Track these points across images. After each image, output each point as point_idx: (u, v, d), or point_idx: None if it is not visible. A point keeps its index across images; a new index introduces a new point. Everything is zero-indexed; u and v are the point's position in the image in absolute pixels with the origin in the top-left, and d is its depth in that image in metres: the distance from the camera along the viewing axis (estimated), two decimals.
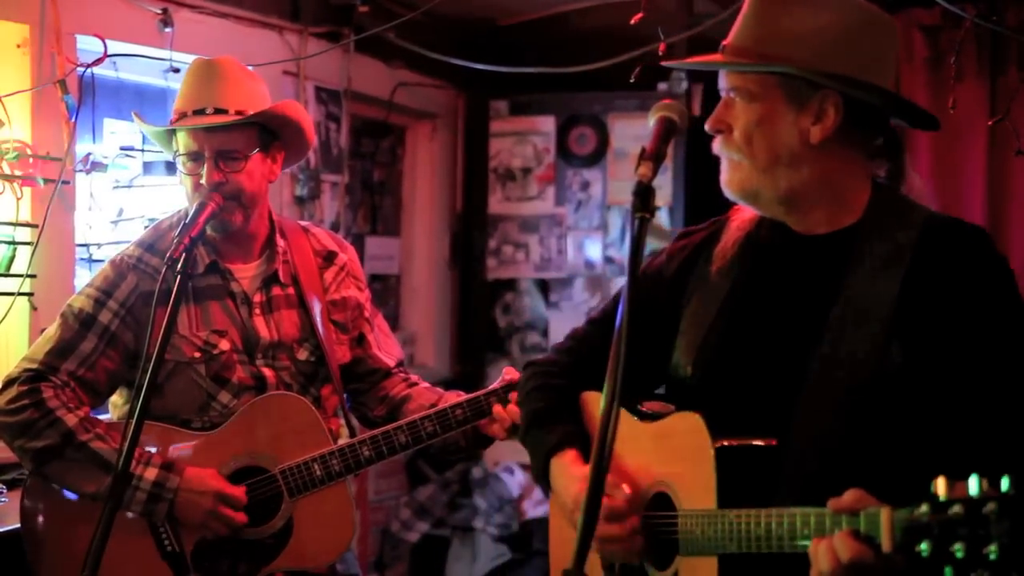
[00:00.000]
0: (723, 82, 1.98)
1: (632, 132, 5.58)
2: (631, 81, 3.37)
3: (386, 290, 5.75)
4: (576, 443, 2.15)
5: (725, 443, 1.89)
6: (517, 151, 5.82)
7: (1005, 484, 1.51)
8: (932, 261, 1.90)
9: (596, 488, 1.58)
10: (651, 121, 1.85)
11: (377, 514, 5.44)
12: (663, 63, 2.12)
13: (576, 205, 5.73)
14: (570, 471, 2.10)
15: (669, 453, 2.00)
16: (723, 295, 2.06)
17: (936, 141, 4.72)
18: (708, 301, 2.07)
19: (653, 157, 1.75)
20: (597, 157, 5.69)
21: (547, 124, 5.77)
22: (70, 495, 2.75)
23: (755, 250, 2.06)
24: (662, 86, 5.22)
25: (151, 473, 2.67)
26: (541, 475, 2.18)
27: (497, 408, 2.78)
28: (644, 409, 2.13)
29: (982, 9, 4.28)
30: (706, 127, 1.99)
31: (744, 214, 2.11)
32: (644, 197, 1.70)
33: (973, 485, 1.52)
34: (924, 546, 1.54)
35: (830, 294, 1.93)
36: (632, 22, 3.22)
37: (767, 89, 1.93)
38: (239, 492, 2.72)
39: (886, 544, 1.60)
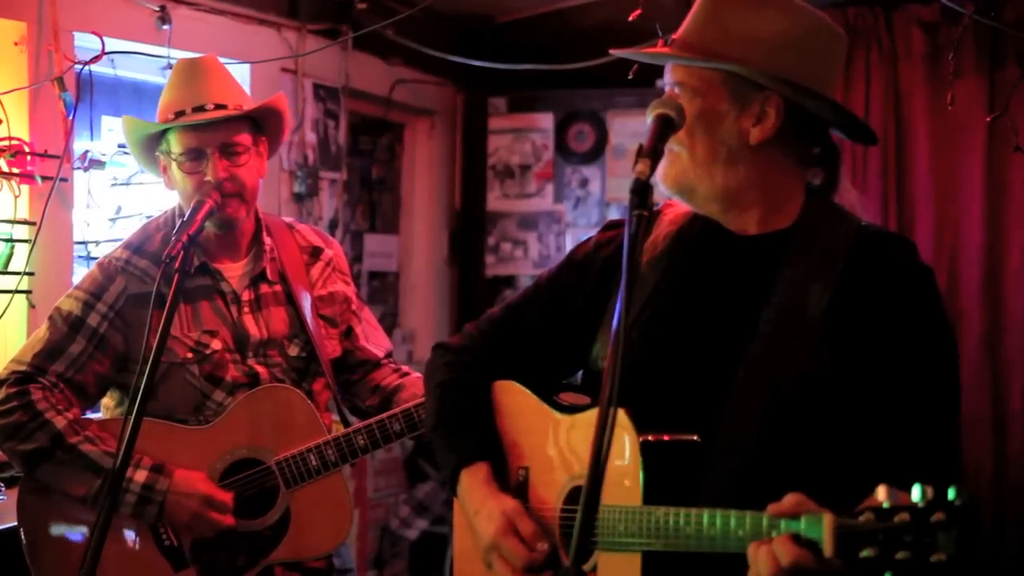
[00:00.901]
0: (668, 76, 1.99)
1: (631, 129, 5.58)
2: (629, 78, 3.36)
3: (385, 287, 5.75)
4: (487, 454, 2.12)
5: (650, 438, 1.87)
6: (516, 148, 5.82)
7: (952, 494, 1.52)
8: (864, 269, 1.91)
9: (595, 488, 1.57)
10: (649, 118, 1.84)
11: (376, 511, 5.44)
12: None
13: (575, 202, 5.73)
14: (483, 498, 2.06)
15: (588, 446, 1.97)
16: (650, 289, 2.04)
17: (934, 137, 4.72)
18: (637, 291, 2.04)
19: (650, 154, 1.74)
20: (596, 154, 5.68)
21: (546, 121, 5.77)
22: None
23: (686, 245, 2.05)
24: (660, 83, 5.20)
25: (140, 475, 2.67)
26: (450, 484, 2.14)
27: None
28: (561, 401, 2.11)
29: (981, 5, 4.27)
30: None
31: (677, 209, 2.10)
32: (642, 194, 1.69)
33: (916, 494, 1.53)
34: (867, 552, 1.55)
35: (760, 295, 1.94)
36: (630, 19, 3.22)
37: (711, 86, 1.93)
38: (227, 497, 2.73)
39: (828, 549, 1.59)
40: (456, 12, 5.40)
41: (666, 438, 1.89)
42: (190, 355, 2.76)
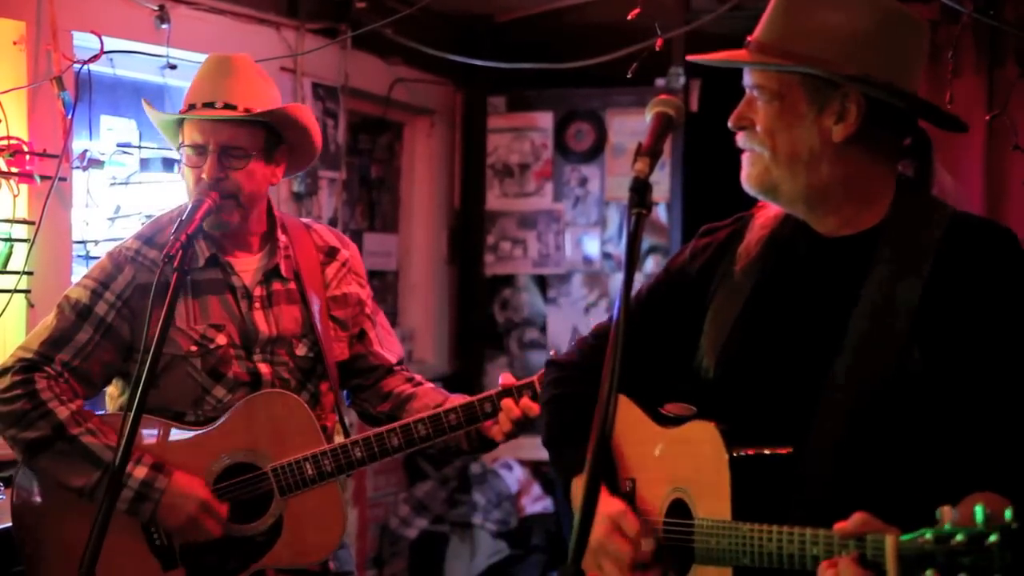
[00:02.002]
0: (747, 79, 1.98)
1: (630, 128, 5.58)
2: (628, 77, 3.37)
3: (384, 286, 5.75)
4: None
5: (740, 452, 1.88)
6: (515, 147, 5.82)
7: (1008, 515, 1.51)
8: (955, 263, 1.87)
9: (593, 488, 1.57)
10: (648, 117, 1.83)
11: (376, 510, 5.44)
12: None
13: (574, 201, 5.73)
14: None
15: (686, 460, 2.00)
16: (746, 295, 2.05)
17: (934, 136, 4.70)
18: (731, 300, 2.06)
19: (650, 153, 1.74)
20: (595, 153, 5.68)
21: (545, 120, 5.77)
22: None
23: (778, 250, 2.05)
24: (660, 82, 5.21)
25: (140, 472, 2.67)
26: (565, 494, 2.18)
27: (508, 402, 2.76)
28: (665, 412, 2.12)
29: (980, 4, 4.27)
30: (729, 124, 1.98)
31: (768, 212, 2.09)
32: (641, 193, 1.69)
33: (979, 513, 1.52)
34: (929, 574, 1.54)
35: (851, 298, 1.91)
36: (629, 17, 3.22)
37: (788, 88, 1.92)
38: (222, 508, 2.73)
39: (892, 571, 1.59)
40: (455, 11, 5.40)
41: (756, 451, 1.89)
42: (194, 348, 2.75)
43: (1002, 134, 4.30)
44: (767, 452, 1.89)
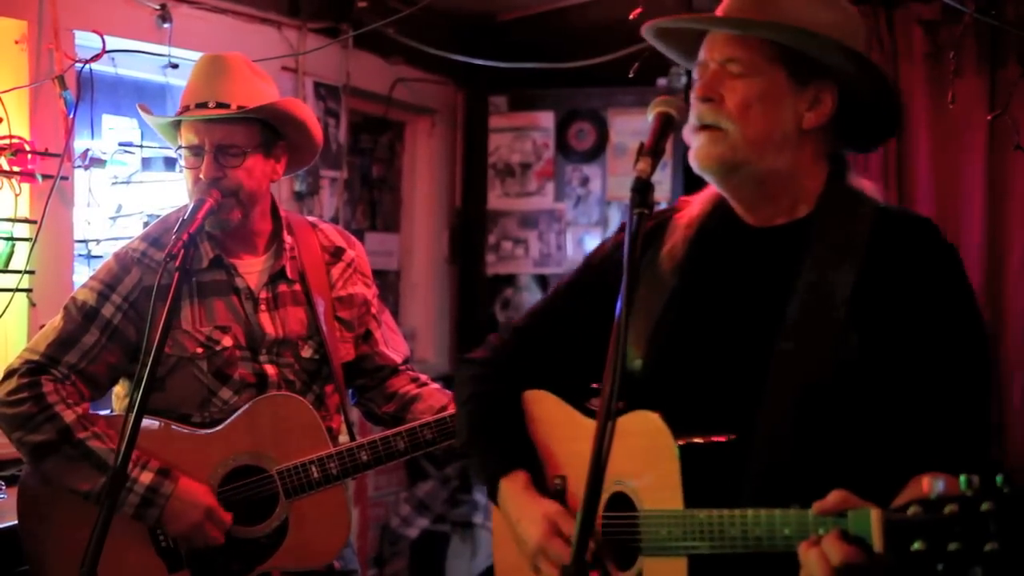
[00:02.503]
0: (717, 52, 1.93)
1: (631, 127, 5.57)
2: (630, 76, 3.37)
3: (385, 286, 5.75)
4: (524, 462, 2.12)
5: (687, 441, 1.86)
6: (516, 147, 5.81)
7: (999, 481, 1.50)
8: (886, 252, 1.90)
9: (594, 488, 1.57)
10: (650, 117, 1.84)
11: (377, 510, 5.44)
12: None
13: (575, 201, 5.72)
14: (524, 504, 2.07)
15: (626, 453, 1.92)
16: (672, 286, 2.03)
17: (935, 136, 4.71)
18: (657, 292, 2.04)
19: (652, 153, 1.74)
20: (596, 153, 5.68)
21: (546, 120, 5.76)
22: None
23: (706, 242, 2.04)
24: (661, 81, 5.21)
25: (146, 477, 2.67)
26: (490, 494, 2.15)
27: None
28: (594, 407, 2.10)
29: (981, 4, 4.27)
30: (698, 93, 1.93)
31: (693, 207, 2.08)
32: (643, 193, 1.69)
33: (963, 483, 1.52)
34: (918, 545, 1.53)
35: (785, 287, 1.92)
36: (631, 17, 3.22)
37: (770, 63, 1.91)
38: (227, 516, 2.73)
39: (878, 545, 1.59)
40: (457, 10, 5.40)
41: (703, 440, 1.88)
42: (200, 350, 2.75)
43: (1004, 134, 4.31)
44: (715, 441, 1.88)
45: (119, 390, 2.89)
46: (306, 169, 4.69)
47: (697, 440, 1.87)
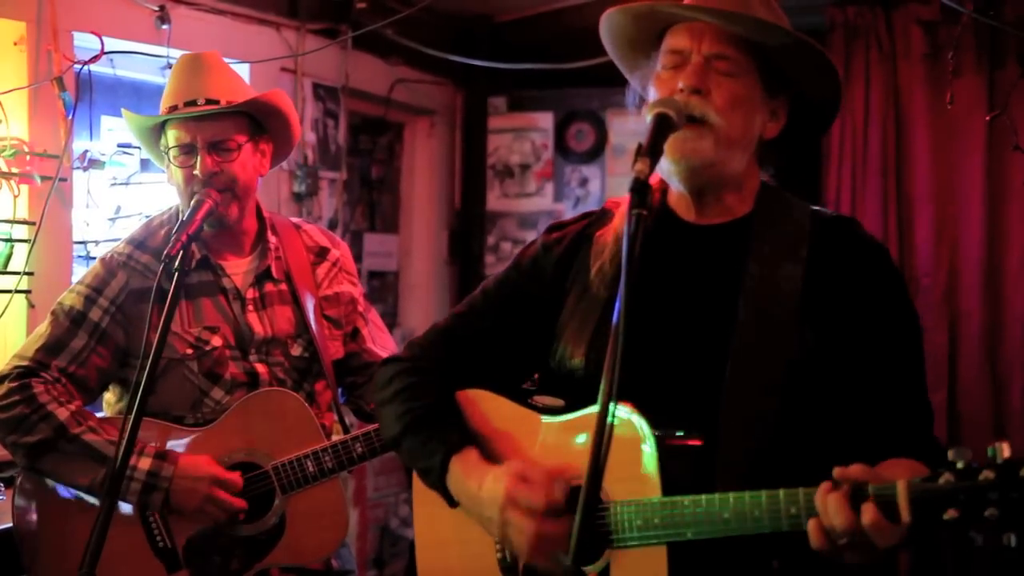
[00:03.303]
0: (705, 45, 1.94)
1: (630, 128, 5.57)
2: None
3: (384, 287, 5.75)
4: (473, 443, 2.03)
5: (661, 434, 1.85)
6: (515, 147, 5.81)
7: None
8: (828, 250, 1.97)
9: (593, 489, 1.57)
10: (648, 117, 1.84)
11: (376, 511, 5.44)
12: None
13: (575, 201, 5.72)
14: (487, 472, 1.96)
15: (584, 447, 1.89)
16: (611, 281, 2.02)
17: (934, 136, 4.72)
18: (594, 291, 2.04)
19: (649, 153, 1.75)
20: (595, 153, 5.68)
21: (545, 120, 5.76)
22: (63, 491, 2.75)
23: (645, 238, 1.97)
24: None
25: (145, 463, 2.66)
26: (439, 480, 2.04)
27: None
28: (539, 404, 2.07)
29: (980, 4, 4.27)
30: (689, 82, 1.92)
31: (628, 204, 2.08)
32: (641, 193, 1.69)
33: (992, 451, 1.55)
34: (951, 514, 1.56)
35: (732, 284, 1.96)
36: None
37: (749, 70, 1.95)
38: (235, 476, 2.72)
39: (905, 515, 1.60)
40: (455, 11, 5.40)
41: (672, 442, 1.87)
42: (190, 351, 2.76)
43: (1002, 134, 4.31)
44: (683, 436, 1.88)
45: (109, 397, 2.89)
46: (305, 170, 4.72)
47: (662, 433, 1.85)
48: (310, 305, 2.89)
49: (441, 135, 5.88)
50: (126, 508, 2.72)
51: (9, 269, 3.39)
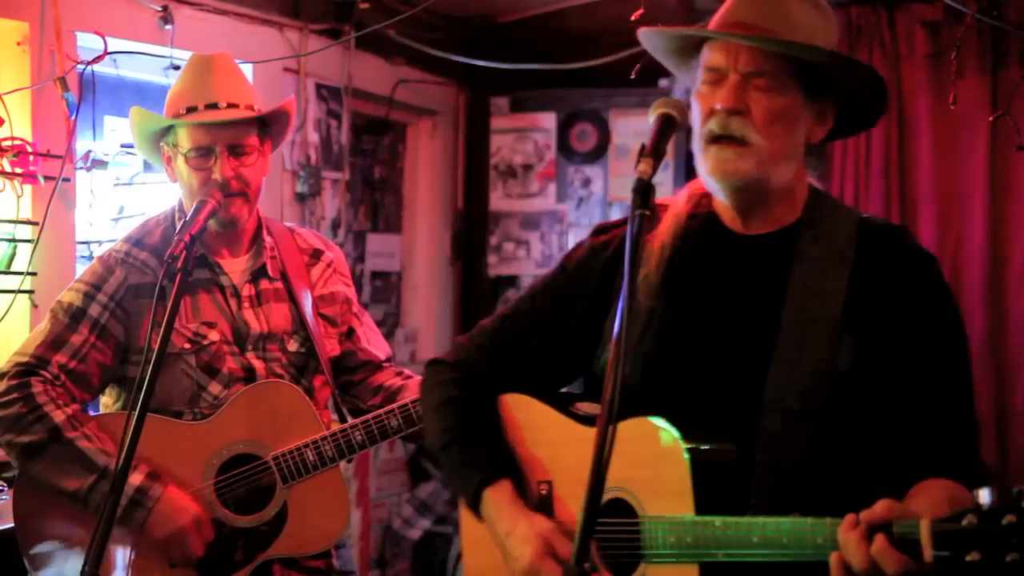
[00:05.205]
0: (742, 62, 1.91)
1: (633, 128, 5.58)
2: (632, 78, 3.36)
3: (387, 287, 5.75)
4: (506, 469, 2.05)
5: (697, 448, 1.84)
6: (518, 148, 5.81)
7: None
8: (874, 261, 1.93)
9: (595, 490, 1.57)
10: (651, 118, 1.83)
11: (379, 511, 5.44)
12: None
13: (577, 202, 5.72)
14: (518, 522, 1.99)
15: (626, 458, 1.86)
16: (656, 290, 2.01)
17: (937, 137, 4.72)
18: (642, 292, 2.02)
19: (653, 154, 1.74)
20: (598, 154, 5.68)
21: (548, 121, 5.76)
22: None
23: (691, 246, 2.03)
24: (663, 83, 5.21)
25: (136, 478, 2.66)
26: (472, 504, 2.06)
27: None
28: (577, 411, 2.07)
29: (983, 5, 4.27)
30: (727, 104, 1.90)
31: (676, 207, 2.08)
32: (644, 194, 1.68)
33: (1015, 493, 1.53)
34: (973, 555, 1.54)
35: (776, 294, 1.93)
36: (632, 18, 3.21)
37: (791, 79, 1.91)
38: (210, 532, 2.72)
39: (927, 554, 1.58)
40: (458, 12, 5.40)
41: (709, 448, 1.86)
42: (187, 346, 2.76)
43: (1006, 135, 4.31)
44: (719, 448, 1.87)
45: (107, 400, 2.89)
46: (308, 171, 4.72)
47: (705, 447, 1.86)
48: (307, 302, 2.90)
49: (444, 135, 5.88)
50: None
51: (12, 269, 3.39)
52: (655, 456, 1.87)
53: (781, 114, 1.90)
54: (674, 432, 1.86)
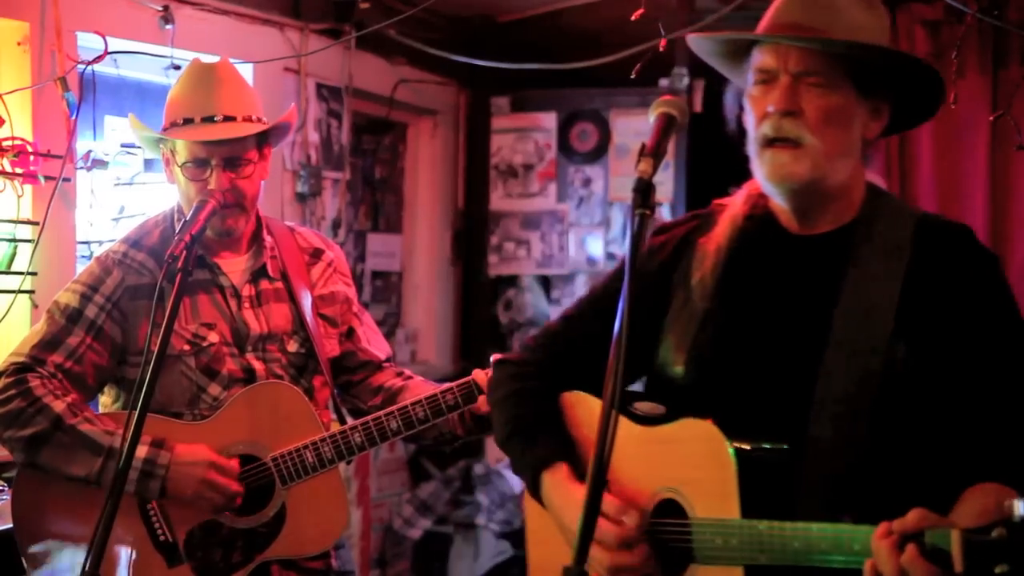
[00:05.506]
0: (792, 63, 1.91)
1: (633, 128, 5.58)
2: (632, 77, 3.37)
3: (388, 287, 5.75)
4: (565, 456, 2.09)
5: (744, 449, 1.85)
6: (518, 147, 5.81)
7: None
8: (930, 260, 1.91)
9: (596, 489, 1.57)
10: (652, 117, 1.82)
11: (379, 511, 5.44)
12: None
13: (578, 201, 5.72)
14: (569, 493, 2.03)
15: (677, 459, 1.96)
16: (713, 289, 2.03)
17: (938, 136, 4.71)
18: (695, 298, 2.04)
19: (654, 154, 1.73)
20: (598, 153, 5.68)
21: (548, 120, 5.77)
22: (63, 490, 2.74)
23: (747, 246, 2.04)
24: (663, 82, 5.21)
25: (141, 451, 2.66)
26: (534, 490, 2.12)
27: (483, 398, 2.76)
28: (636, 411, 2.09)
29: (984, 4, 4.27)
30: (779, 106, 1.90)
31: (733, 208, 2.08)
32: (645, 193, 1.68)
33: None
34: (1001, 568, 1.53)
35: (831, 294, 1.92)
36: (633, 18, 3.22)
37: (842, 78, 1.90)
38: (232, 463, 2.72)
39: (958, 565, 1.57)
40: (459, 11, 5.40)
41: (757, 449, 1.87)
42: (187, 347, 2.76)
43: (1006, 134, 4.31)
44: (769, 448, 1.87)
45: (105, 400, 2.89)
46: (309, 170, 4.72)
47: (751, 447, 1.86)
48: (306, 302, 2.90)
49: (444, 135, 5.88)
50: (127, 502, 2.72)
51: (13, 269, 3.39)
52: (704, 458, 1.89)
53: (835, 113, 1.90)
54: (722, 434, 1.87)
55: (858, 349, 1.88)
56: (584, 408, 2.14)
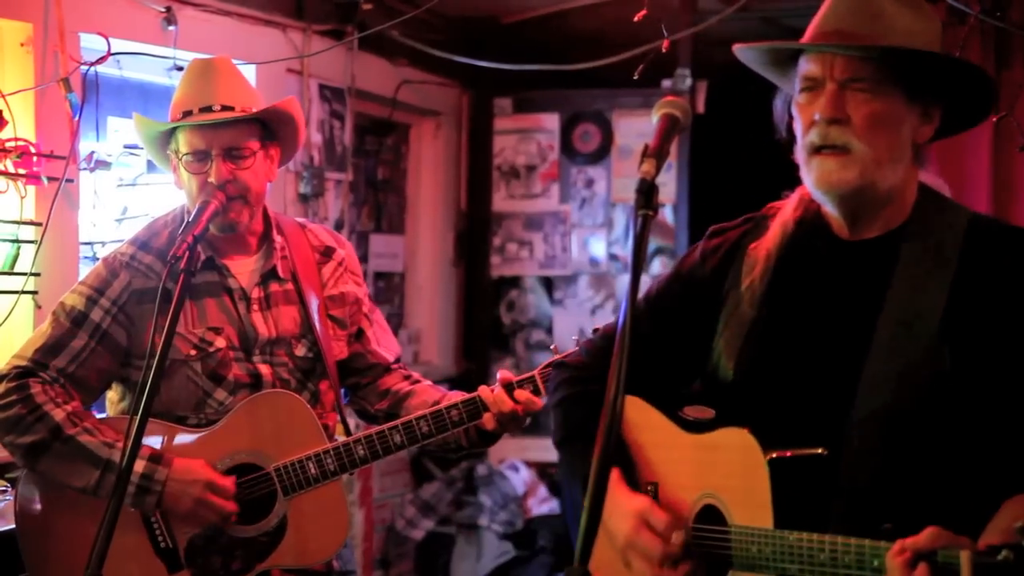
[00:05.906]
0: (838, 70, 1.90)
1: (636, 129, 5.58)
2: (635, 78, 3.37)
3: (390, 288, 5.76)
4: (616, 461, 2.06)
5: (777, 455, 1.86)
6: (521, 148, 5.82)
7: None
8: (979, 265, 1.89)
9: (599, 488, 1.57)
10: (655, 118, 1.82)
11: (382, 512, 5.44)
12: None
13: (580, 202, 5.73)
14: (618, 501, 2.02)
15: (718, 467, 1.98)
16: (762, 296, 2.03)
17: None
18: (747, 301, 2.05)
19: (656, 154, 1.73)
20: (601, 154, 5.68)
21: (551, 121, 5.77)
22: (64, 492, 2.75)
23: (796, 252, 2.04)
24: (666, 83, 5.21)
25: (139, 466, 2.66)
26: (584, 492, 2.12)
27: (500, 394, 2.75)
28: (686, 416, 2.09)
29: (987, 6, 4.27)
30: (826, 114, 1.89)
31: (784, 214, 2.08)
32: (647, 194, 1.68)
33: None
34: None
35: (876, 300, 1.92)
36: (635, 19, 3.22)
37: (890, 83, 1.89)
38: (228, 482, 2.72)
39: None
40: (462, 13, 5.40)
41: (791, 454, 1.87)
42: (193, 352, 2.76)
43: (1009, 135, 4.30)
44: (803, 455, 1.87)
45: (112, 395, 2.89)
46: (311, 171, 4.72)
47: (786, 455, 1.87)
48: (314, 305, 2.88)
49: (447, 136, 5.88)
50: (129, 508, 2.72)
51: (16, 270, 3.39)
52: (741, 467, 1.90)
53: (882, 118, 1.89)
54: (755, 442, 1.88)
55: (899, 355, 1.87)
56: (636, 412, 2.15)
